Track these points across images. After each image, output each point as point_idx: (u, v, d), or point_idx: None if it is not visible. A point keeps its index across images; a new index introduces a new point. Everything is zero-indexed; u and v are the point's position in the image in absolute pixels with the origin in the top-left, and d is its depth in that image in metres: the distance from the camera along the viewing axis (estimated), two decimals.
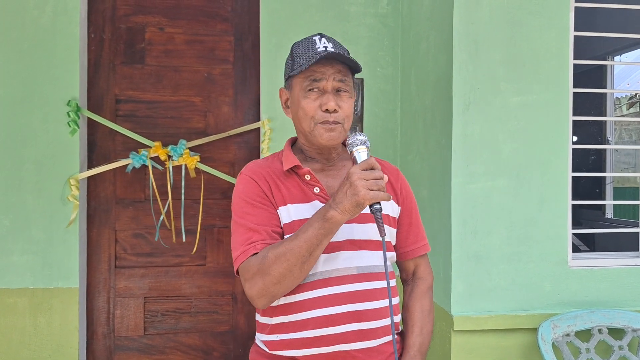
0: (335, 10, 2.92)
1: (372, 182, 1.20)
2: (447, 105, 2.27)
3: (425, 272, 1.56)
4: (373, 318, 1.36)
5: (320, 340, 1.33)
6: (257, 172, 1.41)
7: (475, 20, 2.23)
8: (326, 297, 1.34)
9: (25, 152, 2.66)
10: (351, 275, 1.36)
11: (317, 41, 1.38)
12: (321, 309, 1.33)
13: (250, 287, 1.29)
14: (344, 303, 1.34)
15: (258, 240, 1.32)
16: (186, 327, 2.91)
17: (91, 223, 2.85)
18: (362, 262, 1.38)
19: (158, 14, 2.89)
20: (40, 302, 2.65)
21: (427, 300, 1.51)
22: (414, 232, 1.53)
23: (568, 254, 2.29)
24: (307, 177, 1.41)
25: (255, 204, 1.36)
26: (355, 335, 1.35)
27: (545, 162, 2.27)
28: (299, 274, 1.27)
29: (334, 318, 1.33)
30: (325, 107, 1.35)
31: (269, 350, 1.40)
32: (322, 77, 1.36)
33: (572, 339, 2.21)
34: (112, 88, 2.86)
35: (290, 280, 1.27)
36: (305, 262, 1.25)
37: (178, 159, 2.76)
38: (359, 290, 1.36)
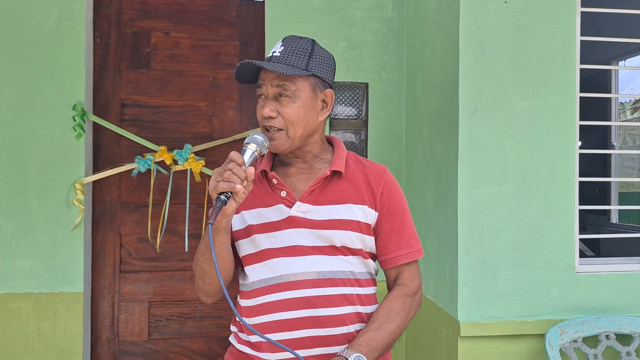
0: (340, 14, 2.92)
1: (218, 174, 1.22)
2: (453, 109, 2.26)
3: (407, 279, 1.45)
4: (332, 325, 1.33)
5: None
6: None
7: (481, 24, 2.22)
8: (283, 302, 1.33)
9: (30, 156, 2.66)
10: (310, 280, 1.34)
11: (275, 46, 1.40)
12: (278, 313, 1.33)
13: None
14: (302, 308, 1.32)
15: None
16: (191, 332, 2.90)
17: (96, 227, 2.85)
18: (325, 267, 1.35)
19: (163, 18, 2.90)
20: (44, 307, 2.65)
21: (399, 303, 1.40)
22: (396, 240, 1.43)
23: (575, 259, 2.28)
24: (274, 182, 1.41)
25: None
26: (312, 342, 1.32)
27: (552, 167, 2.26)
28: (212, 271, 1.33)
29: (290, 323, 1.32)
30: (260, 114, 1.36)
31: (237, 343, 1.44)
32: (262, 84, 1.37)
33: (580, 345, 2.19)
34: (118, 92, 2.86)
35: (207, 277, 1.36)
36: (209, 259, 1.30)
37: (183, 163, 2.76)
38: (317, 295, 1.33)
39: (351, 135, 3.00)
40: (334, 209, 1.37)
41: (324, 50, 1.44)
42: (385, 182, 1.45)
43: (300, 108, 1.35)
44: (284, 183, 1.40)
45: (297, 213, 1.36)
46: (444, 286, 2.36)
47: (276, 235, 1.36)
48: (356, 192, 1.40)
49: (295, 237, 1.35)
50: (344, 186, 1.40)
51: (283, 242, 1.36)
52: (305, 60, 1.37)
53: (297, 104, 1.35)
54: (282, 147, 1.36)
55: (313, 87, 1.38)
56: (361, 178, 1.43)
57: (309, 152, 1.43)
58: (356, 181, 1.42)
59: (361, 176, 1.43)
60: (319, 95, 1.39)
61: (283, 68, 1.32)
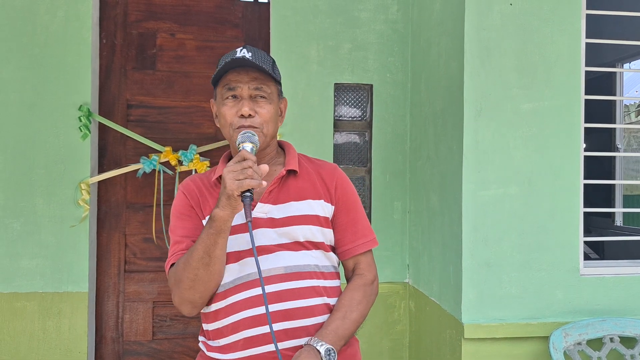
0: (345, 16, 2.92)
1: (238, 173, 1.22)
2: (458, 111, 2.26)
3: (365, 269, 1.51)
4: (302, 317, 1.37)
5: (252, 341, 1.34)
6: (188, 186, 1.47)
7: (487, 26, 2.22)
8: (253, 298, 1.35)
9: (36, 156, 2.67)
10: (278, 275, 1.37)
11: (237, 51, 1.42)
12: (249, 310, 1.35)
13: (173, 297, 1.38)
14: (271, 303, 1.34)
15: (177, 251, 1.39)
16: (195, 332, 2.90)
17: (101, 227, 2.86)
18: (291, 261, 1.39)
19: (169, 20, 2.91)
20: (49, 306, 2.66)
21: (360, 292, 1.46)
22: (352, 231, 1.50)
23: (580, 261, 2.27)
24: None
25: (182, 217, 1.43)
26: (285, 334, 1.35)
27: (557, 169, 2.26)
28: (208, 277, 1.31)
29: (262, 318, 1.34)
30: (240, 113, 1.38)
31: (207, 352, 1.44)
32: (236, 85, 1.39)
33: (584, 348, 2.19)
34: (124, 93, 2.87)
35: (201, 284, 1.32)
36: (207, 263, 1.29)
37: (188, 164, 2.77)
38: (286, 289, 1.36)
39: (355, 136, 3.00)
40: (294, 205, 1.42)
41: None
42: (338, 177, 1.52)
43: (273, 110, 1.43)
44: None
45: (259, 214, 1.40)
46: (448, 288, 2.36)
47: (242, 237, 1.38)
48: (312, 188, 1.46)
49: (260, 238, 1.38)
50: (300, 184, 1.46)
51: (249, 243, 1.36)
52: (272, 66, 1.44)
53: (271, 105, 1.42)
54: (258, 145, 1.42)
55: (278, 93, 1.48)
56: (314, 175, 1.49)
57: (268, 154, 1.48)
58: (311, 178, 1.48)
59: (314, 174, 1.50)
60: (280, 101, 1.49)
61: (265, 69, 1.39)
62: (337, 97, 2.97)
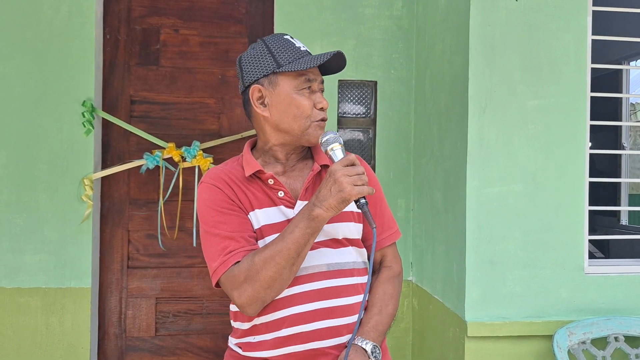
0: (350, 12, 2.91)
1: (355, 178, 1.20)
2: (462, 108, 2.25)
3: (392, 261, 1.52)
4: (344, 314, 1.35)
5: (294, 339, 1.33)
6: (219, 179, 1.38)
7: (492, 22, 2.21)
8: (297, 295, 1.33)
9: (39, 151, 2.67)
10: (321, 273, 1.35)
11: (291, 40, 1.39)
12: (293, 307, 1.33)
13: (239, 295, 1.28)
14: (314, 300, 1.33)
15: (236, 248, 1.30)
16: (198, 329, 2.90)
17: (104, 223, 2.86)
18: (332, 259, 1.37)
19: (173, 15, 2.90)
20: (52, 302, 2.66)
21: (391, 285, 1.47)
22: (379, 223, 1.47)
23: (584, 260, 2.26)
24: (271, 182, 1.38)
25: (224, 212, 1.34)
26: (328, 332, 1.34)
27: (562, 167, 2.24)
28: (289, 276, 1.27)
29: (305, 316, 1.33)
30: (320, 106, 1.37)
31: (243, 352, 1.40)
32: (314, 78, 1.38)
33: (588, 347, 2.17)
34: (127, 89, 2.87)
35: (280, 283, 1.27)
36: (294, 263, 1.25)
37: (191, 160, 2.76)
38: (328, 287, 1.35)
39: (359, 133, 2.99)
40: None
41: None
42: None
43: None
44: (281, 183, 1.39)
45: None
46: (451, 286, 2.35)
47: None
48: None
49: None
50: None
51: None
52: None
53: None
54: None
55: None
56: None
57: (302, 151, 1.47)
58: None
59: None
60: None
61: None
62: (341, 94, 2.96)
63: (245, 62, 1.40)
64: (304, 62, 1.34)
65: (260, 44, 1.39)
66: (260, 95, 1.37)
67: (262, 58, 1.37)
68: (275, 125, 1.38)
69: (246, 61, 1.40)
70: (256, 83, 1.37)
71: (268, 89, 1.37)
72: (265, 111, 1.37)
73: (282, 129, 1.38)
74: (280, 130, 1.38)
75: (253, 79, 1.37)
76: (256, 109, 1.38)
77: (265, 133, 1.41)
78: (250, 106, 1.40)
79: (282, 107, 1.36)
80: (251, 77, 1.38)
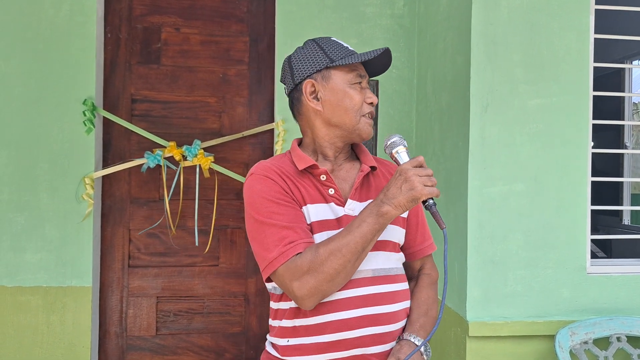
0: (351, 11, 2.90)
1: (426, 178, 1.22)
2: (464, 107, 2.24)
3: (431, 269, 1.56)
4: (389, 322, 1.34)
5: (337, 345, 1.31)
6: (272, 171, 1.37)
7: (494, 21, 2.20)
8: (342, 301, 1.31)
9: (40, 150, 2.67)
10: (367, 278, 1.34)
11: (339, 41, 1.44)
12: (337, 313, 1.31)
13: (299, 286, 1.24)
14: (360, 307, 1.32)
15: (296, 239, 1.27)
16: (198, 328, 2.90)
17: (105, 222, 2.85)
18: (378, 264, 1.36)
19: (174, 14, 2.90)
20: (53, 301, 2.66)
21: (433, 291, 1.51)
22: (421, 232, 1.51)
23: (586, 260, 2.25)
24: (323, 178, 1.38)
25: (280, 203, 1.31)
26: (371, 340, 1.32)
27: (564, 166, 2.23)
28: (351, 271, 1.27)
29: (350, 322, 1.31)
30: (370, 101, 1.40)
31: (281, 355, 1.37)
32: (364, 74, 1.42)
33: (590, 347, 2.16)
34: (128, 88, 2.87)
35: (342, 277, 1.25)
36: (358, 258, 1.25)
37: (192, 159, 2.76)
38: (374, 293, 1.34)
39: None
40: None
41: None
42: None
43: None
44: (333, 180, 1.39)
45: (349, 211, 1.36)
46: (453, 285, 2.34)
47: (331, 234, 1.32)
48: None
49: None
50: (378, 182, 1.44)
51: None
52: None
53: None
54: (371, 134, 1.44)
55: None
56: (387, 175, 1.48)
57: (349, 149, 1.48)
58: (385, 177, 1.47)
59: (386, 173, 1.48)
60: None
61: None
62: None
63: (296, 61, 1.42)
64: (355, 57, 1.38)
65: (311, 43, 1.43)
66: (314, 89, 1.40)
67: (314, 55, 1.40)
68: (327, 120, 1.40)
69: (297, 59, 1.42)
70: (309, 78, 1.40)
71: (321, 83, 1.39)
72: (318, 105, 1.39)
73: (333, 123, 1.40)
74: (332, 124, 1.40)
75: (305, 75, 1.40)
76: (309, 102, 1.40)
77: (315, 129, 1.42)
78: (299, 104, 1.43)
79: (335, 101, 1.38)
80: (303, 73, 1.40)
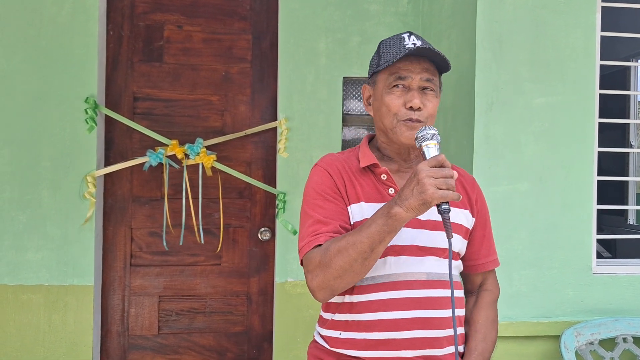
0: (355, 8, 2.88)
1: (441, 181, 1.13)
2: (469, 105, 2.22)
3: (492, 285, 1.54)
4: (439, 327, 1.34)
5: (386, 344, 1.32)
6: (333, 166, 1.39)
7: (499, 18, 2.18)
8: (394, 301, 1.32)
9: (42, 149, 2.66)
10: (420, 281, 1.34)
11: (405, 38, 1.37)
12: (388, 312, 1.32)
13: (311, 279, 1.28)
14: (411, 308, 1.32)
15: (323, 232, 1.30)
16: (200, 327, 2.89)
17: (107, 221, 2.84)
18: (433, 268, 1.35)
19: (176, 11, 2.88)
20: (55, 300, 2.65)
21: (492, 311, 1.49)
22: (487, 246, 1.50)
23: (592, 260, 2.23)
24: (384, 177, 1.38)
25: (326, 197, 1.35)
26: (420, 343, 1.33)
27: (570, 165, 2.21)
28: (360, 270, 1.24)
29: (400, 323, 1.32)
30: (409, 105, 1.33)
31: (329, 346, 1.39)
32: (407, 75, 1.34)
33: (596, 348, 2.15)
34: (130, 86, 2.85)
35: (350, 275, 1.24)
36: (366, 258, 1.21)
37: (195, 157, 2.74)
38: (426, 297, 1.34)
39: (364, 131, 2.97)
40: None
41: None
42: (478, 189, 1.51)
43: (437, 104, 1.38)
44: (393, 179, 1.38)
45: None
46: None
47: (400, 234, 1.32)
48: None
49: (405, 237, 1.33)
50: None
51: (395, 240, 1.32)
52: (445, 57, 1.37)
53: (437, 99, 1.38)
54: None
55: (440, 88, 1.43)
56: (457, 183, 1.43)
57: (415, 149, 1.42)
58: (457, 185, 1.42)
59: (457, 181, 1.44)
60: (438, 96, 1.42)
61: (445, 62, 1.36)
62: (346, 91, 2.93)
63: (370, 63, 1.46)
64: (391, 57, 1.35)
65: (380, 44, 1.43)
66: (369, 95, 1.45)
67: (373, 59, 1.44)
68: (376, 124, 1.44)
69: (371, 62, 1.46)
70: (368, 83, 1.46)
71: (372, 89, 1.43)
72: (371, 110, 1.45)
73: (379, 128, 1.43)
74: (379, 128, 1.43)
75: (368, 80, 1.46)
76: (365, 107, 1.47)
77: (376, 130, 1.48)
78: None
79: (377, 106, 1.41)
80: (368, 78, 1.46)
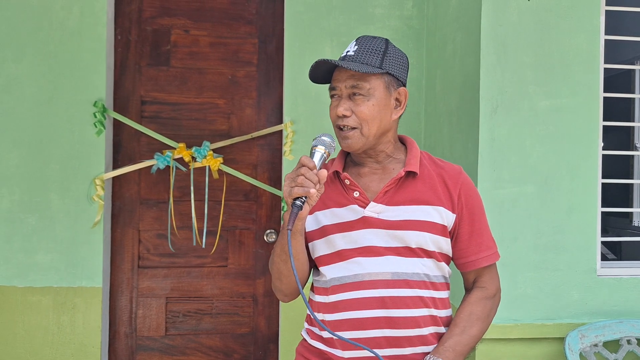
0: (360, 12, 2.90)
1: (291, 179, 1.24)
2: (473, 108, 2.24)
3: (487, 282, 1.48)
4: (407, 326, 1.34)
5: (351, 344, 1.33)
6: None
7: (504, 22, 2.19)
8: (359, 300, 1.34)
9: (51, 152, 2.69)
10: (384, 281, 1.34)
11: (349, 46, 1.42)
12: (354, 312, 1.34)
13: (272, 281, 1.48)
14: (375, 308, 1.33)
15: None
16: (207, 328, 2.91)
17: (115, 223, 2.87)
18: (399, 268, 1.35)
19: (183, 16, 2.91)
20: (63, 301, 2.68)
21: (479, 307, 1.43)
22: (476, 242, 1.44)
23: (597, 262, 2.24)
24: (347, 182, 1.41)
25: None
26: (386, 342, 1.34)
27: (574, 168, 2.22)
28: (288, 273, 1.36)
29: (365, 322, 1.34)
30: (336, 113, 1.37)
31: (310, 339, 1.46)
32: (336, 85, 1.39)
33: (600, 350, 2.15)
34: (138, 89, 2.88)
35: (284, 277, 1.39)
36: (285, 260, 1.34)
37: (202, 160, 2.77)
38: (391, 296, 1.34)
39: None
40: (409, 209, 1.37)
41: (397, 49, 1.44)
42: (462, 183, 1.44)
43: (374, 106, 1.36)
44: (356, 183, 1.40)
45: (371, 213, 1.37)
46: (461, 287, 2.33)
47: (351, 235, 1.37)
48: (432, 193, 1.40)
49: (370, 238, 1.36)
50: (418, 187, 1.40)
51: (358, 242, 1.37)
52: (379, 58, 1.37)
53: (372, 102, 1.36)
54: (356, 145, 1.38)
55: (387, 86, 1.39)
56: (436, 179, 1.42)
57: (382, 151, 1.44)
58: (432, 182, 1.41)
59: (436, 177, 1.43)
60: (392, 93, 1.40)
61: (358, 66, 1.33)
62: None
63: None
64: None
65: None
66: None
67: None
68: None
69: None
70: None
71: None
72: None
73: None
74: None
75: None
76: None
77: None
78: None
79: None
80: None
